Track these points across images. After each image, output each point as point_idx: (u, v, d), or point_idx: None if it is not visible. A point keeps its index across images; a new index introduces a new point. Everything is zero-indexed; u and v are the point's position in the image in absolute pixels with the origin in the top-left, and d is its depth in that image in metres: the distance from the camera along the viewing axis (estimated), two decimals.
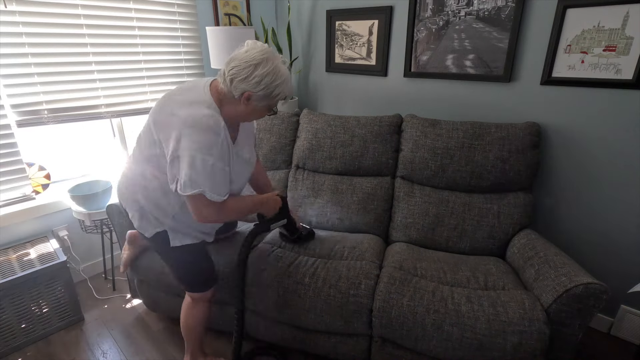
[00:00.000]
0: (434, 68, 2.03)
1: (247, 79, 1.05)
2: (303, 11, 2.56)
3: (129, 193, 1.24)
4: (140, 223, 1.25)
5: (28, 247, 1.86)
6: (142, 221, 1.25)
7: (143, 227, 1.25)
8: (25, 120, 1.79)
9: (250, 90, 1.06)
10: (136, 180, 1.21)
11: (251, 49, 1.07)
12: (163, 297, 1.74)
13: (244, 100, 1.09)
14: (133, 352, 1.69)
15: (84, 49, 1.89)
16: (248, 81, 1.05)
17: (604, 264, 1.75)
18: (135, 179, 1.21)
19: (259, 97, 1.09)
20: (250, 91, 1.07)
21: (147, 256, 1.70)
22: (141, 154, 1.18)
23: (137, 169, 1.20)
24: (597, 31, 1.52)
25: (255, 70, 1.04)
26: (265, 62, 1.05)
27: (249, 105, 1.11)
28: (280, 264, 1.54)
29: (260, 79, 1.05)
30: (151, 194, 1.20)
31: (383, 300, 1.36)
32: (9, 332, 1.66)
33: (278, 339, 1.60)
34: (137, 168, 1.20)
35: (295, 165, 2.03)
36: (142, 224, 1.25)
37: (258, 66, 1.05)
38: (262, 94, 1.08)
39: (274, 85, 1.07)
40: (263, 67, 1.05)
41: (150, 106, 2.22)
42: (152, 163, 1.15)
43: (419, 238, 1.78)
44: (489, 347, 1.24)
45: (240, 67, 1.05)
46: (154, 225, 1.25)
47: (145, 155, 1.16)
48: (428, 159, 1.77)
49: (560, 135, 1.73)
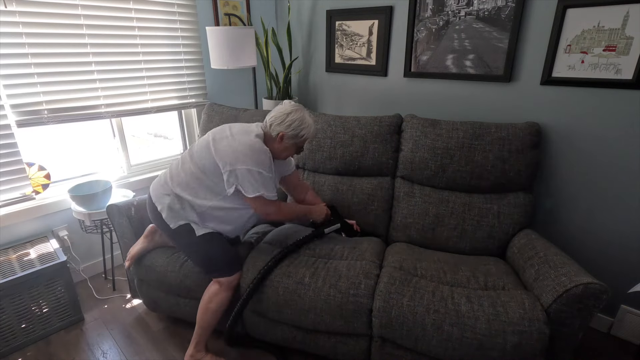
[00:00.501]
0: (434, 68, 2.03)
1: (282, 123, 1.46)
2: (303, 11, 2.56)
3: (164, 190, 1.50)
4: (168, 214, 1.48)
5: (28, 247, 1.86)
6: (171, 212, 1.47)
7: (170, 219, 1.48)
8: (25, 120, 1.79)
9: (283, 131, 1.46)
10: (179, 179, 1.48)
11: (286, 103, 1.51)
12: (163, 297, 1.74)
13: (278, 139, 1.48)
14: (133, 352, 1.69)
15: (84, 49, 1.89)
16: (282, 124, 1.46)
17: (604, 264, 1.75)
18: (179, 179, 1.48)
19: (290, 136, 1.48)
20: (283, 132, 1.46)
21: (151, 256, 1.71)
22: (194, 163, 1.46)
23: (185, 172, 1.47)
24: (597, 31, 1.52)
25: (288, 117, 1.46)
26: (295, 112, 1.47)
27: (282, 143, 1.49)
28: (280, 264, 1.54)
29: (291, 122, 1.46)
30: (191, 192, 1.46)
31: (383, 300, 1.36)
32: (9, 332, 1.66)
33: (278, 339, 1.60)
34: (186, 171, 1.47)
35: (295, 165, 2.03)
36: (169, 215, 1.48)
37: (290, 114, 1.47)
38: (292, 134, 1.47)
39: (300, 127, 1.47)
40: (293, 115, 1.47)
41: (150, 106, 2.22)
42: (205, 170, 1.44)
43: (419, 238, 1.78)
44: (489, 347, 1.24)
45: (277, 115, 1.48)
46: (180, 217, 1.48)
47: (198, 163, 1.45)
48: (428, 159, 1.77)
49: (560, 135, 1.73)
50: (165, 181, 1.52)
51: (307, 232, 1.68)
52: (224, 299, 1.50)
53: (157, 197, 1.51)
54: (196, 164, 1.46)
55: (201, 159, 1.45)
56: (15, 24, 1.68)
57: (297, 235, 1.69)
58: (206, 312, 1.50)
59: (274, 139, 1.48)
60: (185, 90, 2.37)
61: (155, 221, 1.53)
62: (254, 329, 1.63)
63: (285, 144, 1.49)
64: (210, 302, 1.50)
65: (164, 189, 1.50)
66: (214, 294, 1.50)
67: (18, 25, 1.69)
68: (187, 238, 1.48)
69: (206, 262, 1.51)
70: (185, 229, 1.48)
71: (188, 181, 1.46)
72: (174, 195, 1.48)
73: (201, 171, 1.44)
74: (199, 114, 2.50)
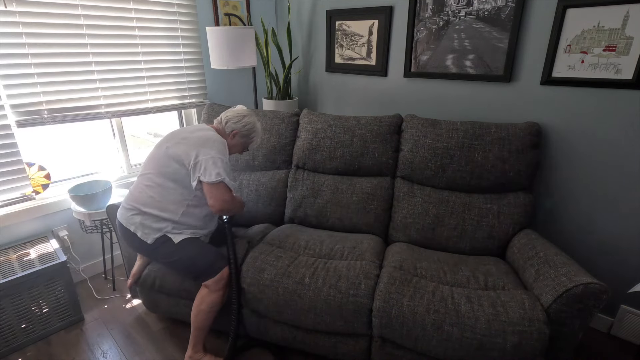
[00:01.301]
0: (434, 68, 2.03)
1: (238, 122, 1.61)
2: (303, 11, 2.56)
3: (131, 212, 1.50)
4: (142, 231, 1.48)
5: (28, 247, 1.86)
6: (145, 229, 1.48)
7: (146, 235, 1.48)
8: (25, 120, 1.79)
9: (238, 129, 1.60)
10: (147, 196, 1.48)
11: (241, 107, 1.70)
12: (163, 298, 1.74)
13: (231, 135, 1.61)
14: (133, 352, 1.69)
15: (84, 49, 1.89)
16: (238, 123, 1.61)
17: (604, 264, 1.75)
18: (145, 196, 1.49)
19: (242, 135, 1.63)
20: (238, 130, 1.60)
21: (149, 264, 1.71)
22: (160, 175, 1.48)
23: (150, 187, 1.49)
24: (597, 31, 1.52)
25: (244, 118, 1.62)
26: (250, 116, 1.64)
27: (234, 140, 1.62)
28: (280, 264, 1.54)
29: (246, 124, 1.62)
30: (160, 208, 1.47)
31: (383, 300, 1.36)
32: (9, 332, 1.66)
33: (278, 339, 1.60)
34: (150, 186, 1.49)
35: (295, 165, 2.03)
36: (144, 232, 1.48)
37: (246, 117, 1.63)
38: (244, 133, 1.63)
39: (252, 130, 1.64)
40: (249, 118, 1.63)
41: (150, 106, 2.22)
42: (169, 176, 1.47)
43: (419, 238, 1.78)
44: (489, 347, 1.24)
45: (234, 115, 1.62)
46: (155, 231, 1.48)
47: (165, 173, 1.47)
48: (428, 159, 1.77)
49: (560, 135, 1.73)
50: (130, 205, 1.51)
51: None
52: (214, 299, 1.50)
53: (126, 220, 1.50)
54: (163, 174, 1.47)
55: (167, 167, 1.46)
56: (15, 24, 1.68)
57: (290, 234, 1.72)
58: (199, 314, 1.51)
59: (227, 135, 1.60)
60: (185, 90, 2.37)
61: (132, 244, 1.53)
62: (254, 329, 1.63)
63: (236, 141, 1.62)
64: (201, 303, 1.51)
65: (132, 211, 1.50)
66: (205, 296, 1.51)
67: (18, 25, 1.69)
68: (166, 248, 1.48)
69: (190, 267, 1.50)
70: (162, 240, 1.48)
71: (153, 196, 1.47)
72: (143, 213, 1.48)
73: (171, 180, 1.46)
74: (199, 114, 2.50)
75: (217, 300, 1.51)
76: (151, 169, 1.50)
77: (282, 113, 2.09)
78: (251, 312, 1.60)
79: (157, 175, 1.48)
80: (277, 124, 2.06)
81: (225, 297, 1.55)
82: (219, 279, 1.50)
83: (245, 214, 1.99)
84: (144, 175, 1.52)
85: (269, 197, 1.99)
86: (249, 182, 2.04)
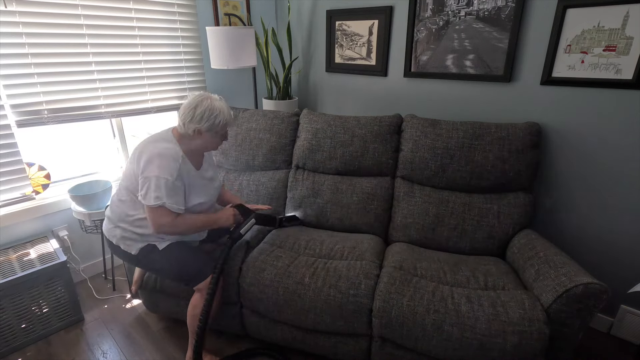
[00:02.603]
0: (434, 68, 2.03)
1: (193, 119, 1.36)
2: (303, 11, 2.56)
3: (112, 224, 1.49)
4: (124, 243, 1.47)
5: (28, 247, 1.86)
6: (126, 241, 1.46)
7: (129, 247, 1.46)
8: (25, 120, 1.79)
9: (197, 126, 1.37)
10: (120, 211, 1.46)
11: (190, 96, 1.40)
12: (163, 298, 1.74)
13: (196, 135, 1.40)
14: (133, 352, 1.69)
15: (84, 49, 1.89)
16: (193, 120, 1.36)
17: (604, 264, 1.75)
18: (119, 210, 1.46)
19: (207, 129, 1.38)
20: (198, 127, 1.37)
21: None
22: (126, 189, 1.44)
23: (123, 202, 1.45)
24: (597, 31, 1.52)
25: (195, 110, 1.36)
26: (200, 102, 1.37)
27: (202, 137, 1.41)
28: (280, 264, 1.54)
29: (201, 115, 1.36)
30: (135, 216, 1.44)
31: (383, 300, 1.36)
32: (9, 332, 1.66)
33: (278, 339, 1.60)
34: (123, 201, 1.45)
35: (295, 165, 2.03)
36: (126, 244, 1.47)
37: (197, 107, 1.36)
38: (207, 126, 1.38)
39: (212, 117, 1.37)
40: (200, 107, 1.36)
41: (150, 106, 2.22)
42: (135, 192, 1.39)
43: (419, 238, 1.78)
44: (489, 347, 1.24)
45: (186, 112, 1.37)
46: (138, 241, 1.47)
47: (129, 188, 1.43)
48: (428, 159, 1.77)
49: (560, 135, 1.73)
50: (109, 218, 1.50)
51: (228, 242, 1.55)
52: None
53: (109, 232, 1.50)
54: (130, 190, 1.42)
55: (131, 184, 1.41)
56: (15, 24, 1.68)
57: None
58: (193, 318, 1.48)
59: (192, 136, 1.40)
60: (185, 90, 2.37)
61: (118, 255, 1.52)
62: (254, 329, 1.63)
63: (206, 137, 1.41)
64: (194, 308, 1.48)
65: (112, 223, 1.49)
66: (197, 300, 1.48)
67: (18, 25, 1.69)
68: (152, 256, 1.46)
69: (179, 273, 1.47)
70: (147, 250, 1.46)
71: (127, 213, 1.44)
72: (122, 228, 1.46)
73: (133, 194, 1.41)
74: None
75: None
76: (123, 183, 1.46)
77: (282, 113, 2.09)
78: (251, 312, 1.60)
79: (126, 190, 1.44)
80: (277, 124, 2.06)
81: (220, 300, 1.52)
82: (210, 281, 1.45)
83: None
84: (119, 189, 1.49)
85: (269, 197, 1.99)
86: (248, 182, 2.04)
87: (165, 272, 1.50)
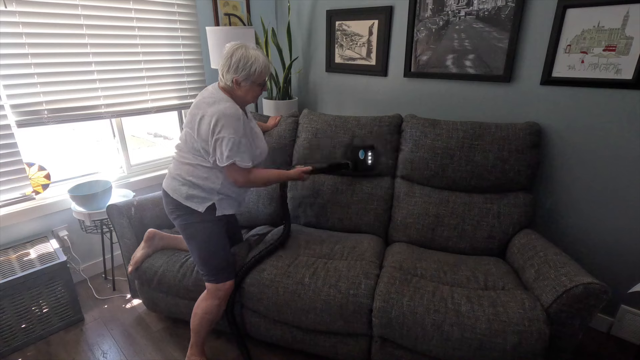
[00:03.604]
0: (434, 68, 2.03)
1: (230, 69, 1.38)
2: (303, 11, 2.56)
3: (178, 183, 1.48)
4: (193, 201, 1.46)
5: (28, 247, 1.86)
6: (195, 199, 1.46)
7: (197, 204, 1.46)
8: (25, 120, 1.79)
9: (235, 76, 1.38)
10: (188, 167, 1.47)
11: (226, 46, 1.41)
12: (163, 297, 1.74)
13: (235, 85, 1.41)
14: (133, 352, 1.69)
15: (84, 49, 1.89)
16: (230, 70, 1.38)
17: (604, 264, 1.75)
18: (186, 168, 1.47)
19: (243, 78, 1.39)
20: (235, 76, 1.38)
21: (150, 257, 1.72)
22: (189, 152, 1.46)
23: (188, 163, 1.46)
24: (597, 31, 1.52)
25: (231, 59, 1.37)
26: (236, 51, 1.38)
27: (241, 88, 1.42)
28: (280, 264, 1.54)
29: (237, 64, 1.37)
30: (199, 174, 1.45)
31: (383, 300, 1.36)
32: (9, 332, 1.66)
33: (278, 339, 1.60)
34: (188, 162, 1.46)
35: (295, 165, 2.03)
36: (195, 202, 1.46)
37: (232, 56, 1.37)
38: (244, 75, 1.38)
39: (248, 65, 1.37)
40: (235, 55, 1.37)
41: (150, 106, 2.22)
42: (197, 153, 1.44)
43: (419, 238, 1.78)
44: (489, 347, 1.24)
45: (222, 62, 1.40)
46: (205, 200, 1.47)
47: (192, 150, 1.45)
48: (428, 159, 1.77)
49: (560, 135, 1.73)
50: (174, 176, 1.49)
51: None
52: (210, 307, 1.48)
53: (175, 191, 1.48)
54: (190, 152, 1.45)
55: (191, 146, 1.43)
56: (15, 24, 1.68)
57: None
58: (194, 316, 1.50)
59: (232, 87, 1.41)
60: (185, 90, 2.37)
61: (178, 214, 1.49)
62: (254, 329, 1.63)
63: (244, 87, 1.41)
64: (198, 307, 1.50)
65: (179, 180, 1.47)
66: (202, 299, 1.50)
67: (18, 26, 1.69)
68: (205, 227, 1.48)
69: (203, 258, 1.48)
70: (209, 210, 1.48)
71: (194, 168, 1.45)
72: (190, 184, 1.45)
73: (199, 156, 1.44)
74: None
75: (211, 308, 1.48)
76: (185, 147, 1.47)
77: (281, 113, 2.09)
78: (251, 312, 1.60)
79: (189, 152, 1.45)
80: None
81: (223, 308, 1.52)
82: (220, 288, 1.48)
83: (245, 214, 1.99)
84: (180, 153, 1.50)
85: (269, 198, 1.99)
86: None
87: (197, 250, 1.49)
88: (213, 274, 1.48)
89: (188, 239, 1.51)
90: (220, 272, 1.48)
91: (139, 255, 1.72)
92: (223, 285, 1.48)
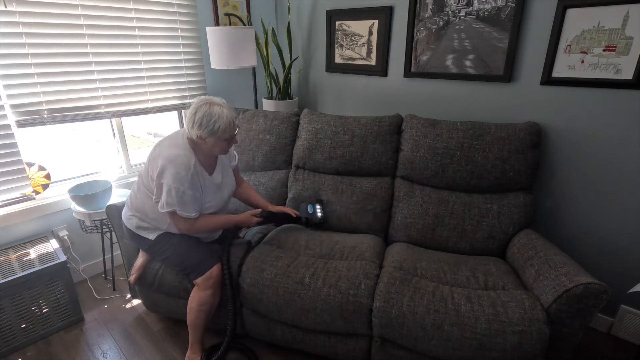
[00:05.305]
0: (434, 68, 2.03)
1: (194, 125, 1.37)
2: (303, 11, 2.56)
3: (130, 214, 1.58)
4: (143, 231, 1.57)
5: (28, 247, 1.86)
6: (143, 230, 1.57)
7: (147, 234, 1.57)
8: (25, 120, 1.79)
9: (199, 132, 1.37)
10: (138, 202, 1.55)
11: (193, 102, 1.41)
12: (162, 298, 1.74)
13: (200, 140, 1.41)
14: (133, 352, 1.69)
15: (84, 49, 1.89)
16: (194, 126, 1.37)
17: (604, 264, 1.75)
18: (137, 201, 1.55)
19: (208, 134, 1.38)
20: (199, 133, 1.37)
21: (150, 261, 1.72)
22: (143, 184, 1.51)
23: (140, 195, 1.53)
24: (597, 31, 1.52)
25: (195, 116, 1.36)
26: (199, 108, 1.37)
27: (206, 143, 1.41)
28: (280, 264, 1.54)
29: (200, 122, 1.36)
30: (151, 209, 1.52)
31: (383, 300, 1.36)
32: (9, 332, 1.66)
33: (278, 339, 1.60)
34: (140, 194, 1.53)
35: (295, 165, 2.03)
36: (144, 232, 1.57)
37: (196, 113, 1.36)
38: (208, 132, 1.37)
39: (212, 122, 1.36)
40: (199, 112, 1.36)
41: (150, 106, 2.22)
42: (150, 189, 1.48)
43: (419, 238, 1.78)
44: (489, 347, 1.24)
45: (188, 118, 1.39)
46: (154, 230, 1.57)
47: (145, 185, 1.50)
48: (428, 159, 1.77)
49: (560, 135, 1.73)
50: (128, 206, 1.60)
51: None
52: (203, 297, 1.51)
53: (127, 220, 1.60)
54: (144, 185, 1.51)
55: (147, 181, 1.49)
56: (15, 24, 1.68)
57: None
58: (190, 311, 1.53)
59: (199, 142, 1.42)
60: (185, 90, 2.37)
61: (135, 241, 1.61)
62: (254, 329, 1.63)
63: (210, 143, 1.41)
64: (192, 301, 1.53)
65: (130, 211, 1.58)
66: (194, 292, 1.53)
67: (18, 26, 1.69)
68: (164, 244, 1.56)
69: (182, 262, 1.54)
70: (162, 237, 1.56)
71: (144, 203, 1.53)
72: (138, 217, 1.56)
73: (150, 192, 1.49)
74: None
75: (205, 298, 1.50)
76: (140, 179, 1.54)
77: (281, 113, 2.09)
78: (251, 312, 1.60)
79: (143, 185, 1.52)
80: (277, 124, 2.06)
81: (217, 297, 1.55)
82: (208, 277, 1.50)
83: None
84: (138, 182, 1.56)
85: (269, 198, 1.99)
86: (248, 182, 2.04)
87: (171, 261, 1.57)
88: (195, 270, 1.51)
89: (155, 257, 1.63)
90: (201, 264, 1.51)
91: (139, 263, 1.73)
92: (210, 273, 1.50)
